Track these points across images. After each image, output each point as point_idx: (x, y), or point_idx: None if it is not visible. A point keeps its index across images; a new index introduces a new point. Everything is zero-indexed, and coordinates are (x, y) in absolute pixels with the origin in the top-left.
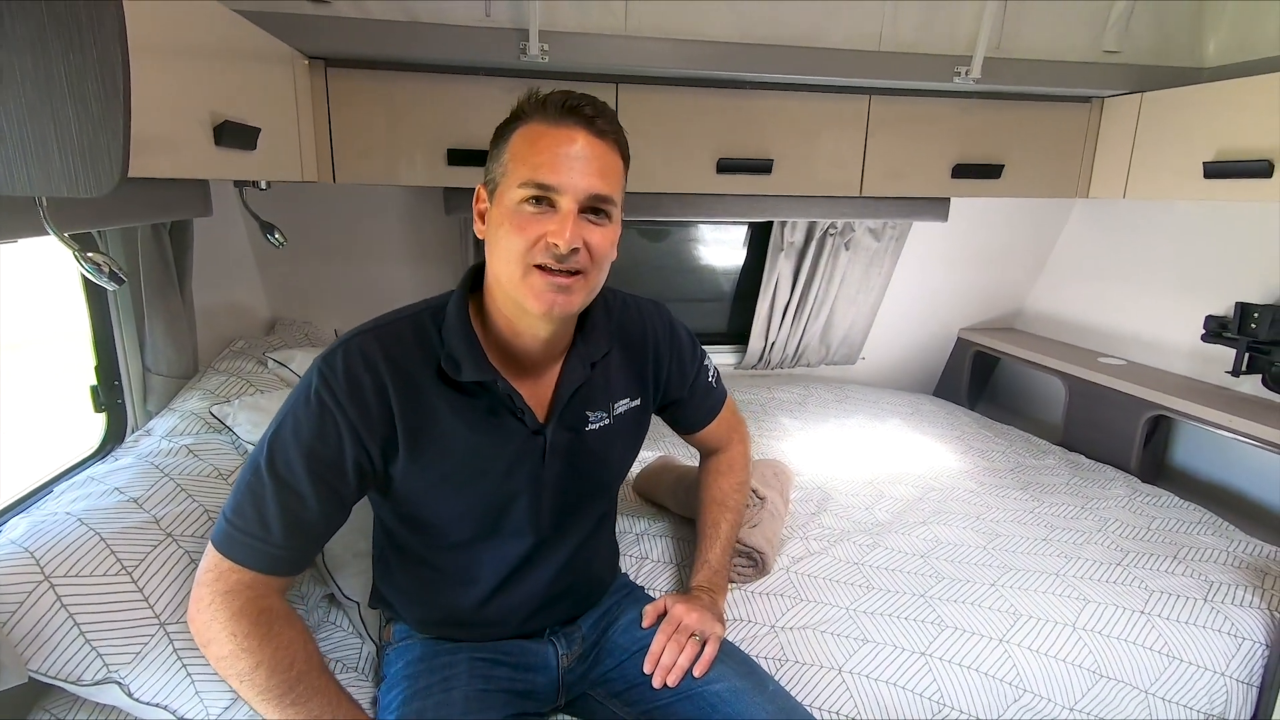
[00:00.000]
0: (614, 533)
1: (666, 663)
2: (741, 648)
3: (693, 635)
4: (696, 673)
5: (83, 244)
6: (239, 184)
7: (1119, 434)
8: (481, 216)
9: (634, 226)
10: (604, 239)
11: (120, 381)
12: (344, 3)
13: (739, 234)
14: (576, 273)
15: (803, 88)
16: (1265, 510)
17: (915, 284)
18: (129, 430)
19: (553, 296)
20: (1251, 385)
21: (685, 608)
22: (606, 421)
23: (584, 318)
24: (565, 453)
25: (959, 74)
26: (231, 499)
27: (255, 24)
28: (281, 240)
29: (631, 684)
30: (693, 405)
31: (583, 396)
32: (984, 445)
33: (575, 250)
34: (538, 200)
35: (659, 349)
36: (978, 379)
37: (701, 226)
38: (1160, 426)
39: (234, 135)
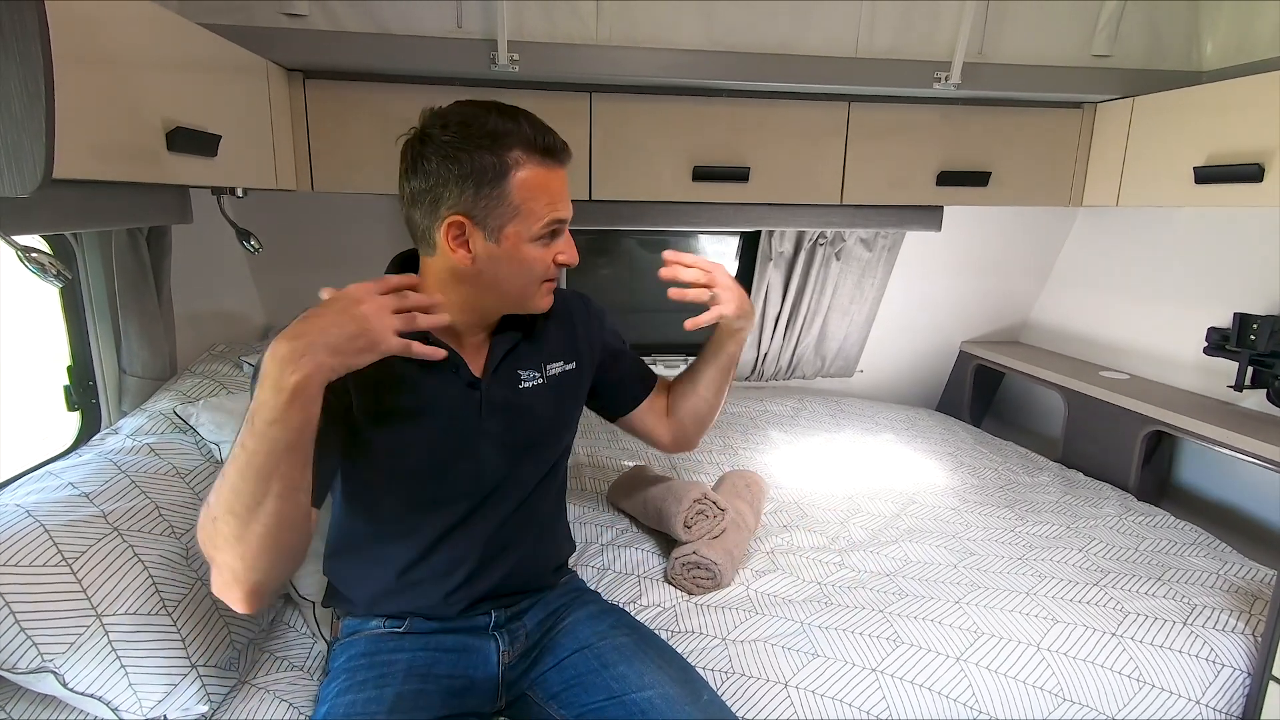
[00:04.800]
0: (565, 522)
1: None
2: (689, 659)
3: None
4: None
5: (55, 246)
6: (216, 191)
7: (1118, 450)
8: (462, 245)
9: (633, 237)
10: None
11: (94, 382)
12: (318, 16)
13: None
14: None
15: (779, 95)
16: (1270, 531)
17: (915, 295)
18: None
19: (551, 297)
20: (1256, 400)
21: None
22: (539, 380)
23: None
24: (502, 407)
25: (939, 80)
26: None
27: (231, 37)
28: (257, 247)
29: (568, 685)
30: (635, 375)
31: (516, 357)
32: (976, 462)
33: None
34: (553, 234)
35: (587, 319)
36: (982, 393)
37: (701, 237)
38: (1163, 443)
39: (189, 141)
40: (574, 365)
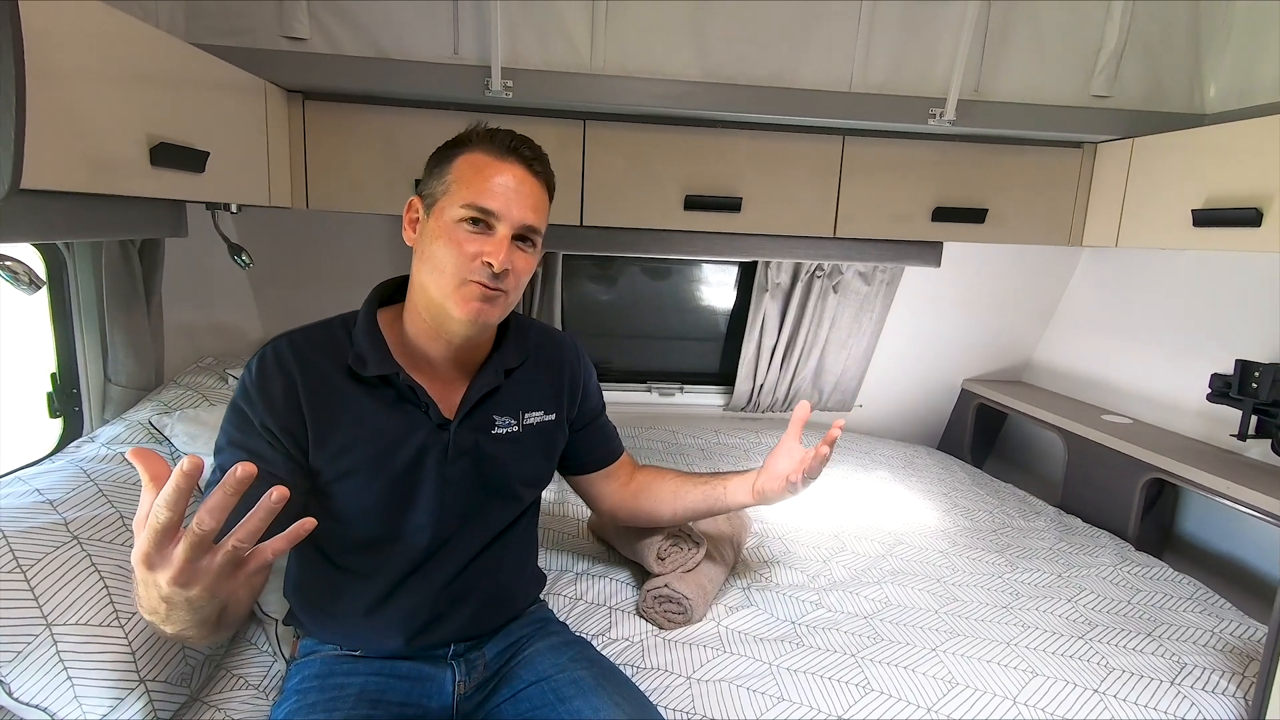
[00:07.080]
0: (534, 556)
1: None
2: (652, 697)
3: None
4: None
5: (46, 255)
6: (210, 206)
7: (1117, 497)
8: (412, 225)
9: (636, 265)
10: (528, 264)
11: (78, 390)
12: (319, 40)
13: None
14: (500, 289)
15: (772, 127)
16: (1273, 588)
17: (916, 331)
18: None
19: (478, 306)
20: (1261, 450)
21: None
22: (515, 429)
23: (501, 332)
24: (471, 452)
25: (934, 116)
26: None
27: (233, 59)
28: (248, 262)
29: (523, 716)
30: (601, 439)
31: (494, 402)
32: (971, 503)
33: (506, 271)
34: (475, 221)
35: (574, 371)
36: (984, 433)
37: (704, 266)
38: (1165, 491)
39: (173, 157)
40: (553, 417)
